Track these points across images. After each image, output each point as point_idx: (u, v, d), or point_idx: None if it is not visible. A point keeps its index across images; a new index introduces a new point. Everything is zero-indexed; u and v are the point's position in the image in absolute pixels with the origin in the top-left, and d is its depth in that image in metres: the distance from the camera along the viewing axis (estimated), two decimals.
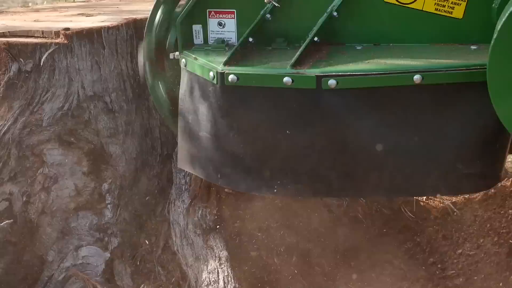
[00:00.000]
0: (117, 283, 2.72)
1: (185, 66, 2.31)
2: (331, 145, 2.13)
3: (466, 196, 3.19)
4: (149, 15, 2.45)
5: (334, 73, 2.03)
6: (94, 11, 3.31)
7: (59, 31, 2.71)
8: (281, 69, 2.08)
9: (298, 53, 2.11)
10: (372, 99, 2.06)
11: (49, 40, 2.70)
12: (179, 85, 2.38)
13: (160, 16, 2.45)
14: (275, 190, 2.23)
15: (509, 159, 3.54)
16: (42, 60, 2.66)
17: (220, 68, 2.12)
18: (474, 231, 2.97)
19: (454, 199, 3.22)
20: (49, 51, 2.67)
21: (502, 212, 3.00)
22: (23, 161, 2.68)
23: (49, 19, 3.09)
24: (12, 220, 2.63)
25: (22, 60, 2.67)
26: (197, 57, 2.26)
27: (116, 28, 2.78)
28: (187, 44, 2.38)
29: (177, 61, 2.40)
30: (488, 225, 2.96)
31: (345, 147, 2.12)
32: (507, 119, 1.93)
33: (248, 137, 2.20)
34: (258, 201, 2.76)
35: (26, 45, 2.68)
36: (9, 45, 2.68)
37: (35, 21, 3.06)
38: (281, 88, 2.06)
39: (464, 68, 1.97)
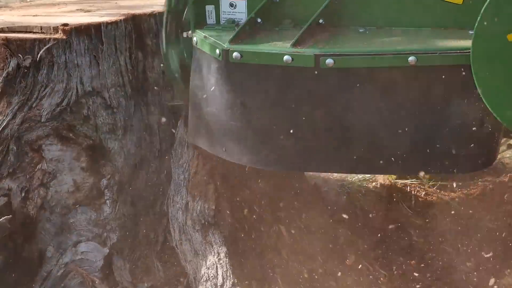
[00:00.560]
0: (116, 278, 2.72)
1: (196, 44, 2.42)
2: (329, 122, 2.22)
3: (465, 192, 3.20)
4: None
5: (331, 53, 2.12)
6: (92, 6, 3.30)
7: (57, 26, 2.71)
8: (282, 48, 2.17)
9: (299, 33, 2.20)
10: (369, 78, 2.13)
11: (48, 36, 2.70)
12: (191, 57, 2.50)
13: None
14: (275, 164, 2.34)
15: (507, 155, 3.55)
16: (40, 54, 2.66)
17: (226, 45, 2.23)
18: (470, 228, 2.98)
19: (453, 194, 3.23)
20: (47, 46, 2.66)
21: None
22: (22, 156, 2.68)
23: (48, 15, 3.09)
24: (11, 216, 2.62)
25: (20, 56, 2.67)
26: (207, 36, 2.36)
27: (115, 23, 2.78)
28: (200, 23, 2.50)
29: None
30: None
31: (343, 125, 2.21)
32: (490, 100, 2.00)
33: (251, 113, 2.29)
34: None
35: (24, 40, 2.68)
36: (8, 41, 2.67)
37: (33, 16, 3.05)
38: (282, 66, 2.16)
39: (457, 51, 2.02)
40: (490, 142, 2.21)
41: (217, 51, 2.25)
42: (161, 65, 2.78)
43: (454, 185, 3.41)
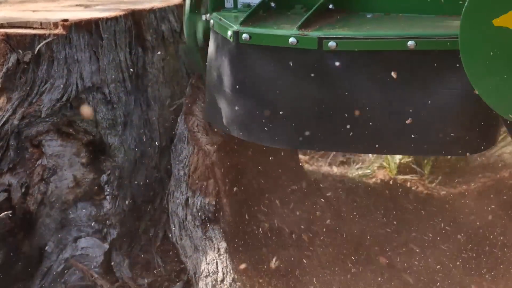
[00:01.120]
0: (116, 274, 2.73)
1: (213, 26, 2.53)
2: (331, 102, 2.31)
3: (463, 187, 3.20)
4: None
5: (334, 36, 2.21)
6: (92, 2, 3.30)
7: (57, 22, 2.71)
8: (288, 31, 2.28)
9: (304, 17, 2.30)
10: (369, 61, 2.23)
11: (48, 31, 2.70)
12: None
13: None
14: (287, 142, 2.45)
15: (508, 151, 3.55)
16: (38, 48, 2.66)
17: (236, 27, 2.35)
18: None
19: (451, 190, 3.23)
20: (46, 40, 2.66)
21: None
22: (22, 152, 2.68)
23: (48, 10, 3.08)
24: (11, 211, 2.62)
25: (20, 51, 2.66)
26: (221, 18, 2.49)
27: (115, 19, 2.78)
28: (218, 7, 2.64)
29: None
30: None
31: (344, 105, 2.29)
32: (478, 84, 2.05)
33: (260, 92, 2.40)
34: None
35: (24, 36, 2.68)
36: (8, 36, 2.67)
37: (33, 11, 3.05)
38: (288, 47, 2.26)
39: (455, 37, 2.04)
40: (489, 124, 2.26)
41: (229, 32, 2.37)
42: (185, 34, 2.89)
43: (455, 181, 3.42)
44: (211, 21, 2.54)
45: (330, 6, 2.40)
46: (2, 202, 2.64)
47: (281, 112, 2.36)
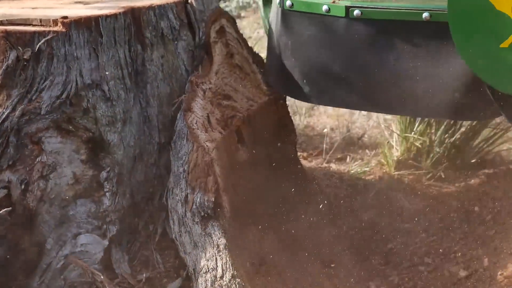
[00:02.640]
0: (115, 270, 2.74)
1: None
2: (356, 64, 2.61)
3: (462, 183, 3.21)
4: None
5: (359, 5, 2.53)
6: None
7: (57, 19, 2.71)
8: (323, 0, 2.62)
9: None
10: (390, 29, 2.50)
11: (47, 28, 2.70)
12: None
13: None
14: (316, 99, 2.82)
15: (505, 147, 3.56)
16: (38, 45, 2.66)
17: None
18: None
19: (451, 186, 3.24)
20: (46, 38, 2.66)
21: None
22: (22, 149, 2.67)
23: (47, 7, 3.09)
24: (10, 208, 2.63)
25: (20, 48, 2.66)
26: None
27: (114, 16, 2.78)
28: None
29: None
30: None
31: (366, 68, 2.58)
32: (466, 54, 2.26)
33: (298, 54, 2.74)
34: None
35: (24, 33, 2.67)
36: (7, 33, 2.66)
37: (33, 9, 3.05)
38: (322, 14, 2.61)
39: None
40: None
41: (278, 0, 2.74)
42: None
43: (452, 177, 3.43)
44: None
45: None
46: (2, 199, 2.64)
47: (316, 73, 2.70)
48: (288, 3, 2.69)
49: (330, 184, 3.45)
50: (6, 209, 2.61)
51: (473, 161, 3.55)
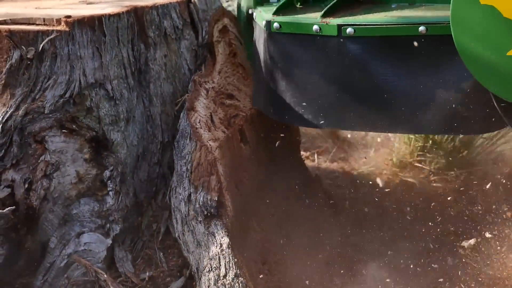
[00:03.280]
0: (119, 269, 2.74)
1: (255, 18, 2.87)
2: (351, 84, 2.52)
3: (466, 184, 3.21)
4: None
5: (352, 23, 2.44)
6: None
7: (60, 18, 2.71)
8: (313, 19, 2.52)
9: (327, 6, 2.53)
10: (385, 45, 2.42)
11: (51, 28, 2.70)
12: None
13: None
14: (312, 122, 2.66)
15: (508, 147, 3.55)
16: (42, 45, 2.66)
17: (269, 17, 2.62)
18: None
19: (455, 185, 3.23)
20: (50, 37, 2.67)
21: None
22: (25, 148, 2.68)
23: (50, 7, 3.09)
24: (14, 207, 2.63)
25: (24, 48, 2.67)
26: (261, 11, 2.78)
27: (117, 15, 2.79)
28: (263, 1, 2.98)
29: None
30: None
31: (362, 87, 2.49)
32: (470, 63, 2.18)
33: (289, 77, 2.64)
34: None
35: (27, 32, 2.68)
36: (11, 33, 2.67)
37: (36, 8, 3.05)
38: (313, 35, 2.51)
39: None
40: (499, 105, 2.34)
41: (264, 22, 2.64)
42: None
43: (455, 177, 3.42)
44: (254, 14, 2.83)
45: None
46: (5, 198, 2.65)
47: (307, 96, 2.59)
48: (275, 25, 2.59)
49: (333, 183, 3.45)
50: (9, 208, 2.61)
51: (476, 160, 3.55)
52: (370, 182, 3.46)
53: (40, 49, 2.65)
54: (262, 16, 2.69)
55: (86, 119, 2.74)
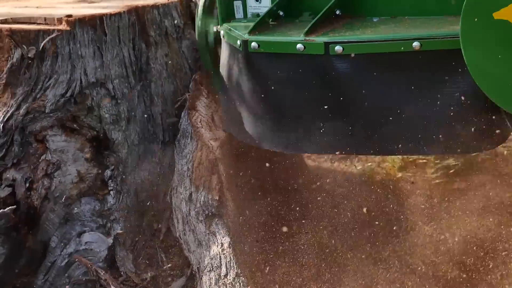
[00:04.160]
0: (120, 269, 2.74)
1: (223, 37, 2.57)
2: (342, 106, 2.32)
3: (468, 183, 3.20)
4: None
5: (340, 40, 2.24)
6: None
7: (61, 17, 2.72)
8: (295, 37, 2.30)
9: (311, 23, 2.33)
10: (377, 63, 2.24)
11: (52, 27, 2.70)
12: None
13: None
14: (296, 147, 2.47)
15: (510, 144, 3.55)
16: (43, 43, 2.66)
17: (245, 36, 2.38)
18: None
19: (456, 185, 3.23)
20: (51, 36, 2.67)
21: None
22: (26, 147, 2.68)
23: (51, 6, 3.09)
24: (15, 206, 2.63)
25: (25, 47, 2.67)
26: (231, 28, 2.50)
27: (118, 15, 2.79)
28: (229, 18, 2.69)
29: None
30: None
31: (355, 108, 2.31)
32: (479, 78, 2.06)
33: (270, 99, 2.41)
34: None
35: (28, 31, 2.68)
36: (12, 32, 2.67)
37: (36, 8, 3.06)
38: (296, 54, 2.28)
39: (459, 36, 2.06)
40: (496, 122, 2.26)
41: (238, 42, 2.40)
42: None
43: (457, 178, 3.41)
44: (221, 32, 2.58)
45: (337, 12, 2.43)
46: (6, 197, 2.65)
47: (294, 118, 2.39)
48: (253, 44, 2.35)
49: (334, 183, 3.44)
50: (10, 207, 2.62)
51: (477, 160, 3.54)
52: (372, 182, 3.46)
53: (41, 48, 2.65)
54: (235, 35, 2.46)
55: (87, 119, 2.75)
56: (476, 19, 1.99)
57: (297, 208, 2.99)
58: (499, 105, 2.10)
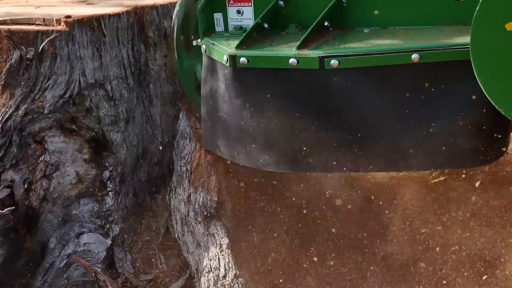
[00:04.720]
0: (118, 270, 2.74)
1: (205, 52, 2.43)
2: (339, 122, 2.23)
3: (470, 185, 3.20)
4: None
5: (335, 54, 2.14)
6: None
7: (60, 18, 2.71)
8: (287, 51, 2.19)
9: (303, 36, 2.22)
10: (374, 77, 2.15)
11: (51, 28, 2.70)
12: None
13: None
14: (289, 166, 2.35)
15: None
16: (42, 46, 2.66)
17: (233, 51, 2.25)
18: None
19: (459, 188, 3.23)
20: (50, 37, 2.67)
21: None
22: (25, 148, 2.68)
23: (50, 6, 3.09)
24: (13, 207, 2.63)
25: (23, 48, 2.67)
26: (215, 43, 2.38)
27: (117, 15, 2.79)
28: (209, 31, 2.51)
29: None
30: None
31: (352, 124, 2.21)
32: (491, 91, 2.00)
33: (260, 116, 2.30)
34: None
35: (27, 32, 2.68)
36: (11, 33, 2.67)
37: (36, 8, 3.06)
38: (288, 69, 2.18)
39: (459, 47, 2.03)
40: (498, 135, 2.21)
41: (225, 57, 2.28)
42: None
43: (458, 178, 3.41)
44: (203, 46, 2.44)
45: (326, 24, 2.33)
46: (5, 198, 2.65)
47: (288, 136, 2.29)
48: (242, 60, 2.22)
49: (334, 183, 3.44)
50: (9, 208, 2.62)
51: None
52: (373, 182, 3.45)
53: (40, 49, 2.66)
54: (220, 50, 2.33)
55: (85, 120, 2.75)
56: (487, 30, 1.94)
57: (297, 208, 2.99)
58: (510, 117, 2.05)
